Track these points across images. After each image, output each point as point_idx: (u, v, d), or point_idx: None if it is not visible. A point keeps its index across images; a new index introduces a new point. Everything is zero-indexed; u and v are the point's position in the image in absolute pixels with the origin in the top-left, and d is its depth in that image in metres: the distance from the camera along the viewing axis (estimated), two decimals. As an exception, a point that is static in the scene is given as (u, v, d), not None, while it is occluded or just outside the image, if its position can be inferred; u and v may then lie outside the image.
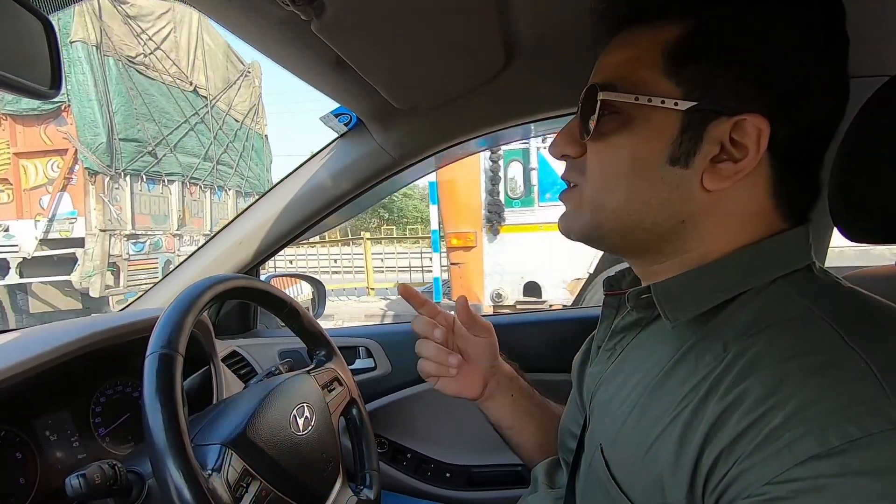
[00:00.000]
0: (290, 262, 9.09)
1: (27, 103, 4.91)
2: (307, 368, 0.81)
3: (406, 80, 0.74)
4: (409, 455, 1.12)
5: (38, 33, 0.44)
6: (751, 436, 0.34)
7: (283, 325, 1.22)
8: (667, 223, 0.44)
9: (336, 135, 0.98)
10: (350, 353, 1.11)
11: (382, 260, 9.04)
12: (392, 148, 0.93)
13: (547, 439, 0.68)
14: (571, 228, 0.50)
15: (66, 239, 5.23)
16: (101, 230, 5.16)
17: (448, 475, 1.11)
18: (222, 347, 1.01)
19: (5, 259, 5.19)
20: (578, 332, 0.77)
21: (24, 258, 5.18)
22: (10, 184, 5.22)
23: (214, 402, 0.85)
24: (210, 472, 0.55)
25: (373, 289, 8.31)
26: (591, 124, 0.45)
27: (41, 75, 0.43)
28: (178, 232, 6.18)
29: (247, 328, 1.19)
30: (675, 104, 0.41)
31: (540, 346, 1.08)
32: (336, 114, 0.91)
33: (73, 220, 5.21)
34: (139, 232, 5.60)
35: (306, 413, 0.70)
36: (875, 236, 0.48)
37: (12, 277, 5.22)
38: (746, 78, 0.40)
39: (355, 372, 1.03)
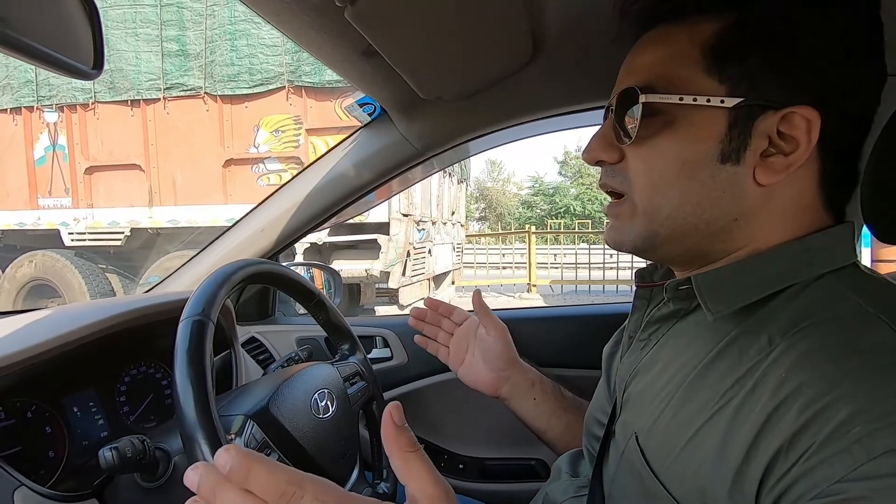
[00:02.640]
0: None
1: (329, 74, 4.28)
2: (330, 360, 0.82)
3: (434, 70, 0.74)
4: (422, 445, 1.12)
5: (81, 13, 0.44)
6: (812, 431, 0.33)
7: (301, 312, 1.24)
8: (720, 222, 0.43)
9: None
10: (367, 342, 1.12)
11: (555, 256, 8.59)
12: (415, 138, 0.93)
13: (575, 438, 0.69)
14: (623, 241, 0.48)
15: (360, 224, 4.55)
16: (403, 214, 4.60)
17: (461, 466, 1.11)
18: (241, 333, 1.02)
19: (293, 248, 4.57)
20: (599, 327, 0.77)
21: (313, 244, 4.51)
22: (298, 163, 4.64)
23: (234, 385, 0.87)
24: (232, 435, 0.57)
25: (535, 285, 7.77)
26: (632, 128, 0.44)
27: (85, 55, 0.44)
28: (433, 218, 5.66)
29: (265, 315, 1.20)
30: (722, 101, 0.40)
31: (561, 342, 1.07)
32: (360, 104, 0.92)
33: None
34: (422, 218, 5.12)
35: (327, 398, 0.71)
36: None
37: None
38: (792, 70, 0.40)
39: (371, 361, 1.04)
